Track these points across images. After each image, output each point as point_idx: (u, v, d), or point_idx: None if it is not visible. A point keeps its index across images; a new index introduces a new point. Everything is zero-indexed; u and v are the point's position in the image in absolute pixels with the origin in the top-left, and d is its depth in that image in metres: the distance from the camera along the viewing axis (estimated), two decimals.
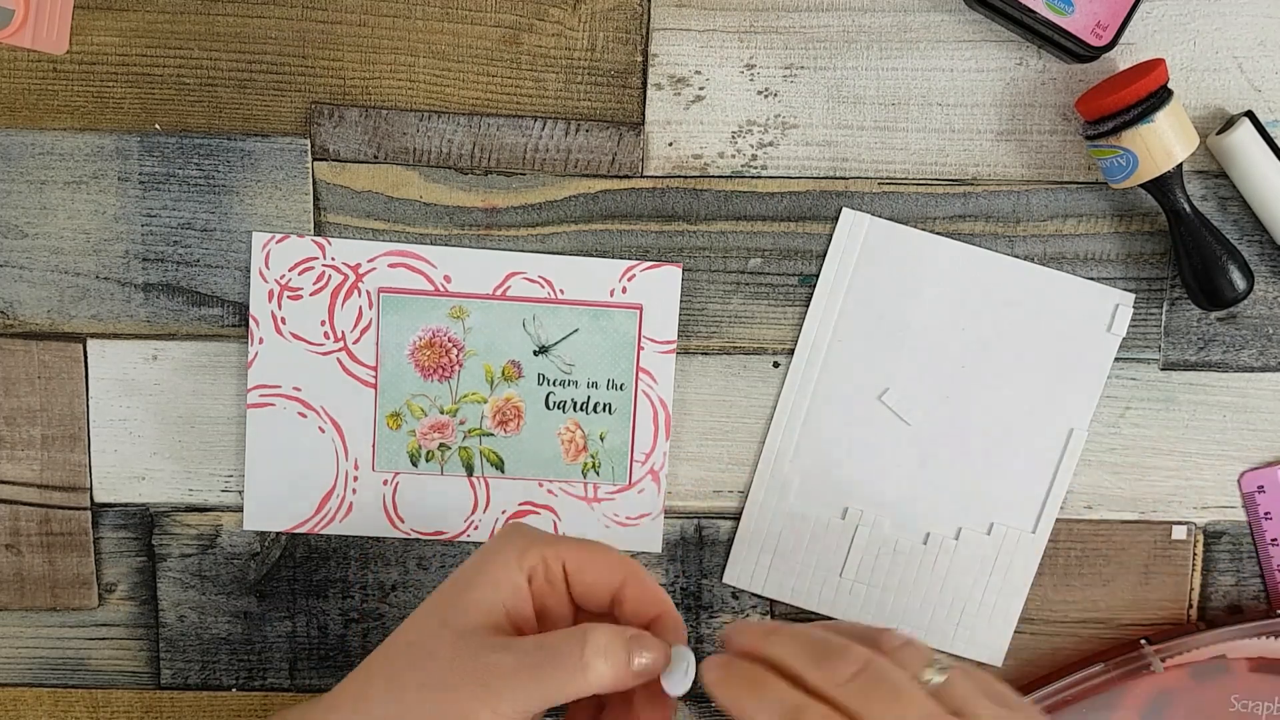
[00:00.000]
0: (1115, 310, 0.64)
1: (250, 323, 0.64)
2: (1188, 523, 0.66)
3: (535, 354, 0.64)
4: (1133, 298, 0.64)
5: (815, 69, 0.63)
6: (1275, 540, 0.65)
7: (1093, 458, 0.65)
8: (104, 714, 0.67)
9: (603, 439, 0.65)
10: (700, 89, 0.63)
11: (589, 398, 0.64)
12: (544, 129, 0.63)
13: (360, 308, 0.64)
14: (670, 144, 0.63)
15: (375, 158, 0.63)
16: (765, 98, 0.63)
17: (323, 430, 0.65)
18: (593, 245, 0.64)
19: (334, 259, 0.64)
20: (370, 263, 0.64)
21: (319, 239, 0.64)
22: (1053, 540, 0.66)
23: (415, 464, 0.65)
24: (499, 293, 0.64)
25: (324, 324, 0.64)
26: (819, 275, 0.64)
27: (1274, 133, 0.63)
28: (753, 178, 0.64)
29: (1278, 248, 0.64)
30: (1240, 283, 0.61)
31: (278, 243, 0.63)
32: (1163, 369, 0.65)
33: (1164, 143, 0.59)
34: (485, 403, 0.64)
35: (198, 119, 0.63)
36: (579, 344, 0.64)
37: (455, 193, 0.64)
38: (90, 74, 0.63)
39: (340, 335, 0.64)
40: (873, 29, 0.63)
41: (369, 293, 0.64)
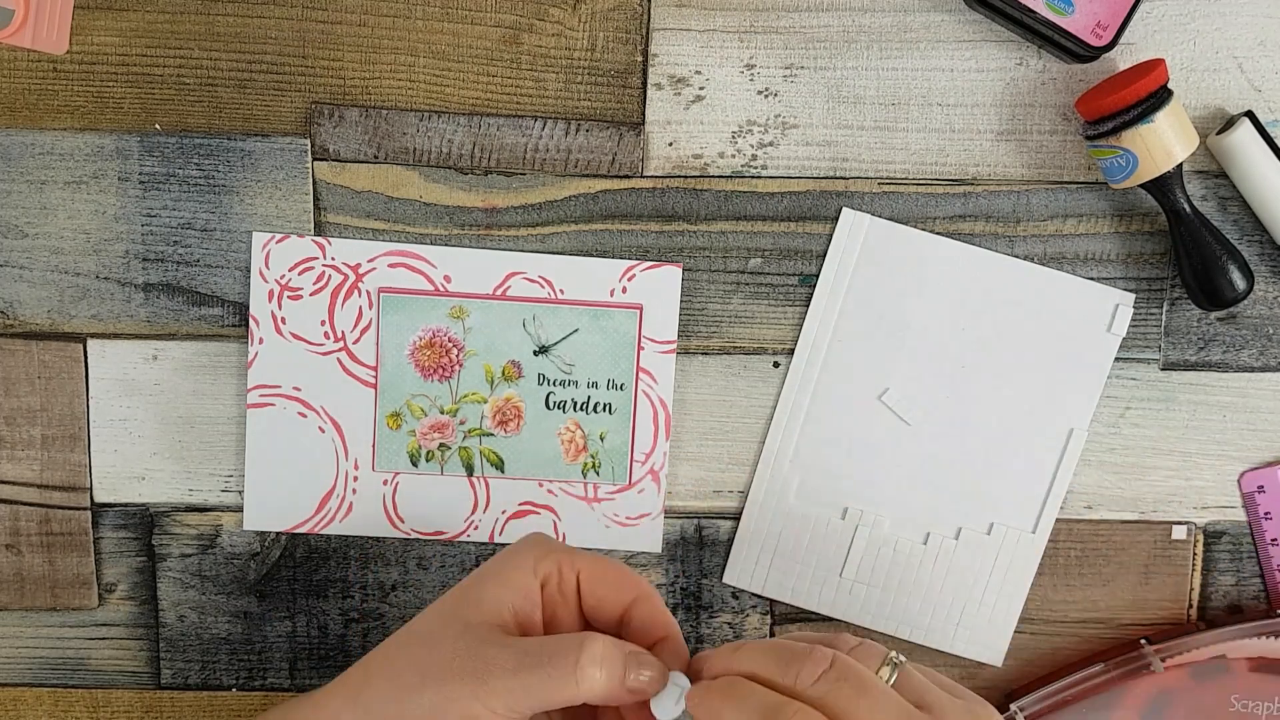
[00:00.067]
0: (1115, 310, 0.64)
1: (250, 323, 0.64)
2: (1188, 523, 0.66)
3: (535, 354, 0.64)
4: (1133, 298, 0.64)
5: (815, 69, 0.63)
6: (1275, 540, 0.65)
7: (1093, 458, 0.65)
8: (104, 714, 0.67)
9: (603, 439, 0.65)
10: (700, 89, 0.63)
11: (589, 398, 0.64)
12: (544, 129, 0.63)
13: (360, 308, 0.64)
14: (670, 144, 0.63)
15: (375, 158, 0.63)
16: (765, 98, 0.63)
17: (323, 430, 0.65)
18: (593, 245, 0.64)
19: (334, 259, 0.64)
20: (370, 263, 0.64)
21: (319, 239, 0.64)
22: (1053, 540, 0.66)
23: (415, 464, 0.65)
24: (499, 293, 0.64)
25: (324, 324, 0.64)
26: (819, 275, 0.64)
27: (1274, 133, 0.63)
28: (753, 178, 0.64)
29: (1278, 248, 0.64)
30: (1240, 283, 0.61)
31: (278, 243, 0.63)
32: (1163, 369, 0.65)
33: (1164, 143, 0.59)
34: (485, 403, 0.64)
35: (198, 119, 0.63)
36: (579, 344, 0.64)
37: (455, 193, 0.64)
38: (90, 74, 0.63)
39: (340, 335, 0.64)
40: (873, 29, 0.63)
41: (369, 293, 0.64)
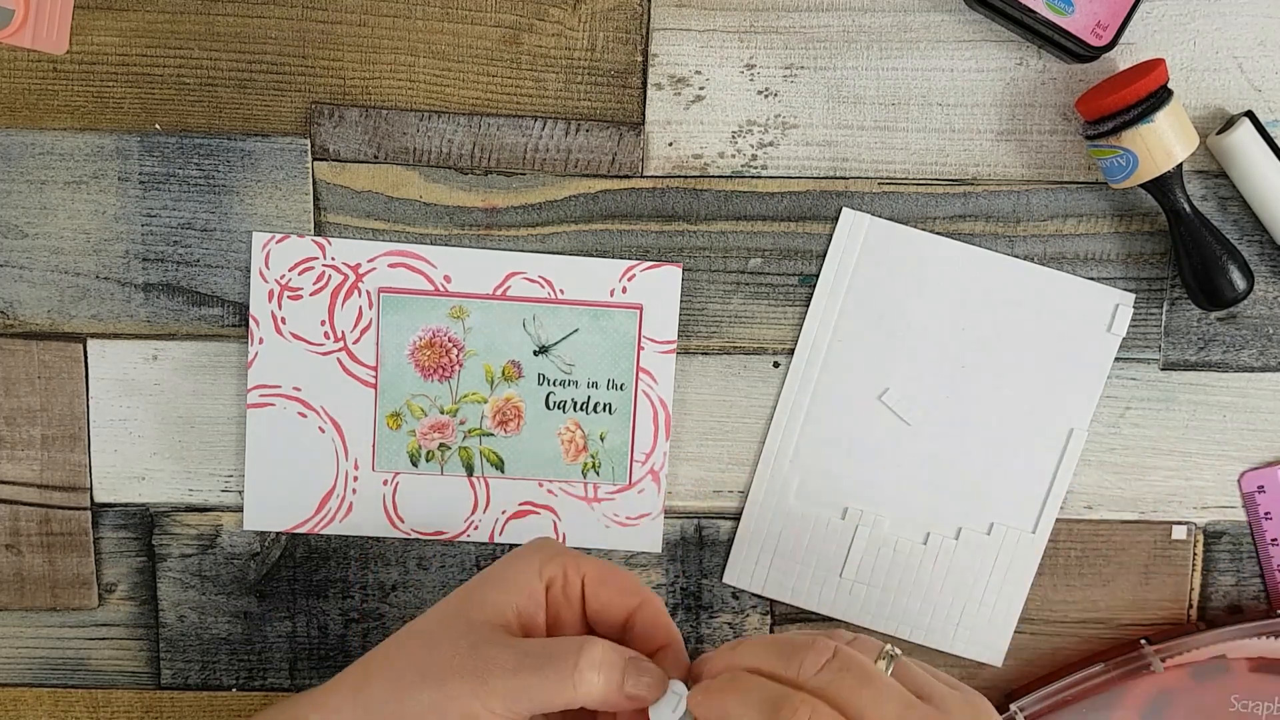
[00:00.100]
0: (1115, 310, 0.64)
1: (250, 323, 0.64)
2: (1188, 523, 0.66)
3: (535, 354, 0.64)
4: (1133, 298, 0.64)
5: (815, 69, 0.63)
6: (1275, 540, 0.65)
7: (1093, 458, 0.65)
8: (104, 714, 0.67)
9: (603, 439, 0.65)
10: (700, 89, 0.63)
11: (589, 398, 0.64)
12: (544, 129, 0.63)
13: (360, 308, 0.64)
14: (670, 144, 0.63)
15: (375, 158, 0.63)
16: (765, 98, 0.63)
17: (323, 430, 0.65)
18: (593, 245, 0.64)
19: (334, 259, 0.64)
20: (370, 263, 0.64)
21: (319, 239, 0.64)
22: (1053, 540, 0.66)
23: (415, 464, 0.65)
24: (499, 293, 0.64)
25: (324, 324, 0.64)
26: (819, 275, 0.64)
27: (1274, 133, 0.63)
28: (753, 178, 0.64)
29: (1278, 248, 0.64)
30: (1240, 283, 0.61)
31: (278, 243, 0.63)
32: (1163, 369, 0.65)
33: (1164, 143, 0.59)
34: (485, 403, 0.64)
35: (198, 119, 0.63)
36: (579, 344, 0.64)
37: (455, 193, 0.64)
38: (90, 74, 0.63)
39: (340, 335, 0.64)
40: (873, 29, 0.63)
41: (369, 293, 0.64)
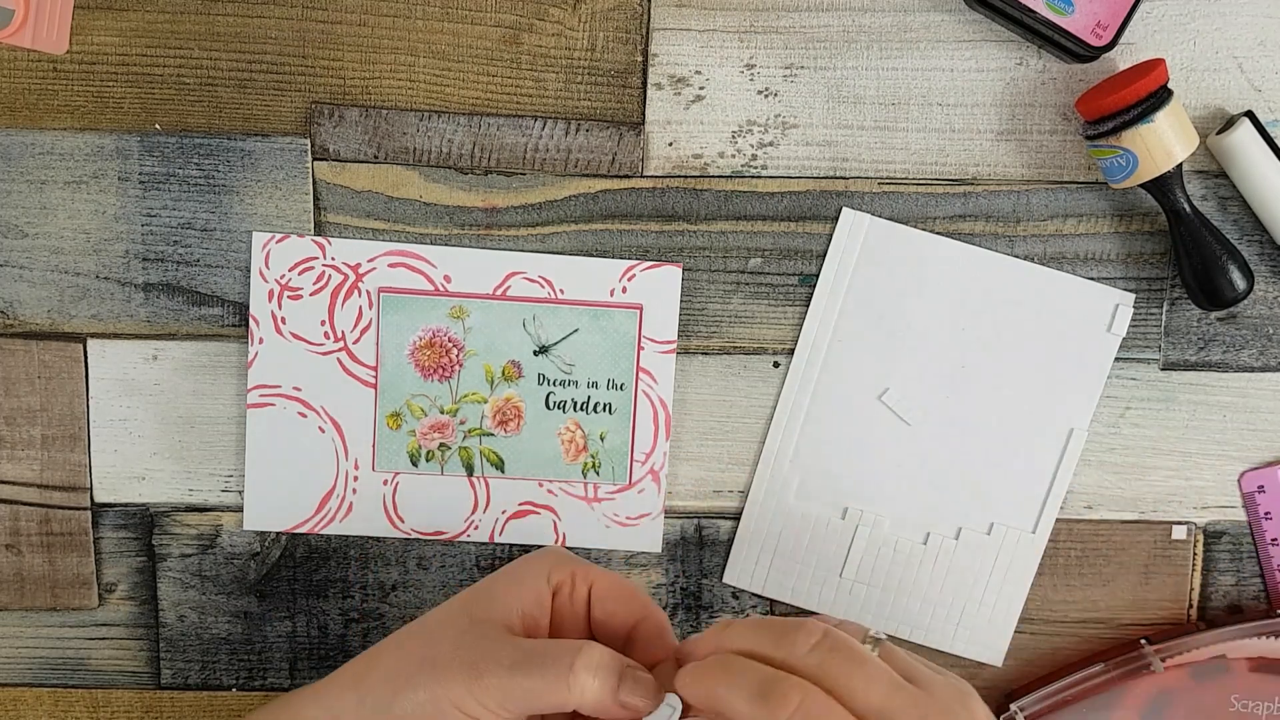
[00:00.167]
0: (1115, 310, 0.64)
1: (250, 323, 0.64)
2: (1188, 523, 0.66)
3: (535, 354, 0.64)
4: (1133, 298, 0.64)
5: (815, 69, 0.63)
6: (1275, 540, 0.65)
7: (1093, 458, 0.65)
8: (104, 714, 0.67)
9: (603, 439, 0.65)
10: (700, 89, 0.63)
11: (589, 398, 0.64)
12: (544, 129, 0.63)
13: (360, 308, 0.64)
14: (670, 144, 0.63)
15: (375, 158, 0.63)
16: (765, 98, 0.63)
17: (323, 430, 0.65)
18: (593, 245, 0.64)
19: (334, 259, 0.64)
20: (370, 263, 0.64)
21: (319, 239, 0.64)
22: (1053, 540, 0.66)
23: (415, 464, 0.65)
24: (499, 293, 0.64)
25: (324, 324, 0.64)
26: (819, 275, 0.64)
27: (1274, 133, 0.63)
28: (753, 178, 0.64)
29: (1278, 248, 0.64)
30: (1240, 283, 0.61)
31: (278, 243, 0.63)
32: (1163, 369, 0.65)
33: (1164, 143, 0.59)
34: (485, 403, 0.64)
35: (198, 119, 0.63)
36: (579, 344, 0.64)
37: (455, 193, 0.64)
38: (90, 74, 0.63)
39: (340, 335, 0.64)
40: (873, 29, 0.63)
41: (369, 293, 0.64)
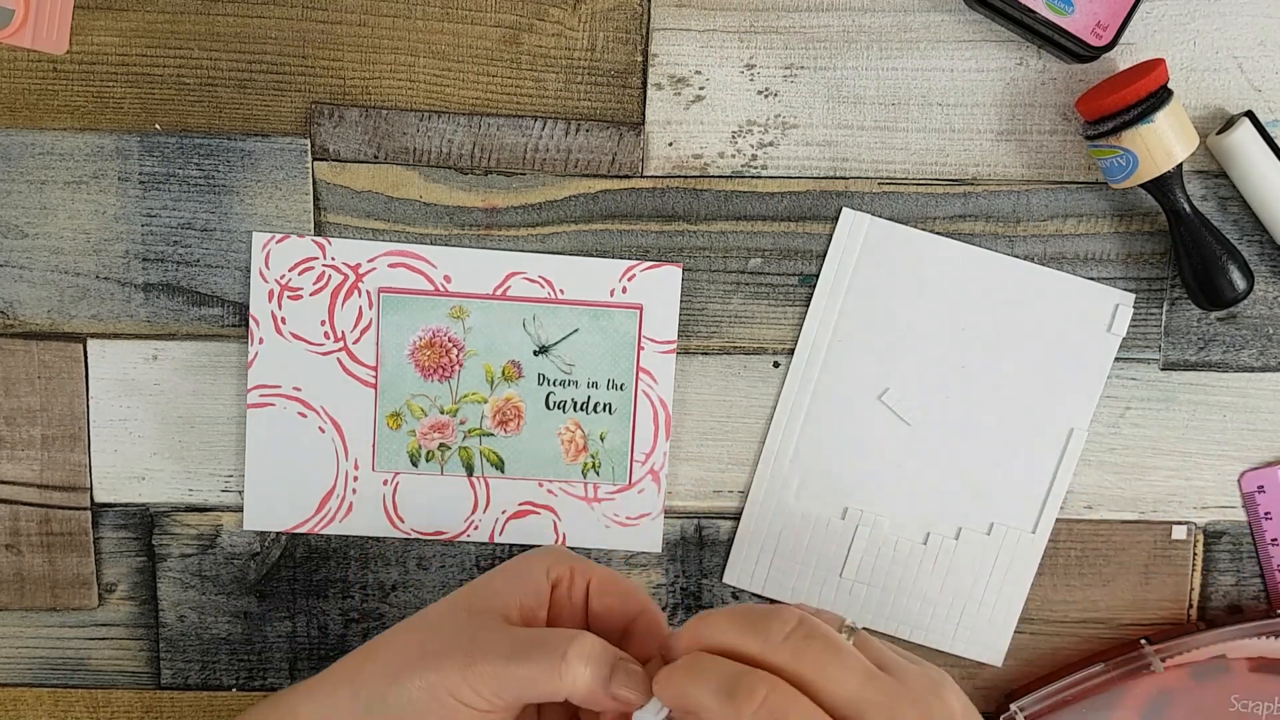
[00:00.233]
0: (1115, 310, 0.64)
1: (250, 323, 0.64)
2: (1188, 523, 0.66)
3: (535, 354, 0.64)
4: (1133, 298, 0.64)
5: (815, 69, 0.63)
6: (1275, 540, 0.65)
7: (1093, 458, 0.65)
8: (104, 714, 0.67)
9: (603, 439, 0.65)
10: (700, 89, 0.63)
11: (589, 398, 0.64)
12: (544, 129, 0.63)
13: (360, 308, 0.64)
14: (670, 144, 0.63)
15: (375, 158, 0.63)
16: (765, 98, 0.63)
17: (323, 430, 0.65)
18: (593, 245, 0.64)
19: (334, 259, 0.64)
20: (370, 263, 0.64)
21: (319, 239, 0.64)
22: (1053, 540, 0.66)
23: (415, 464, 0.65)
24: (499, 293, 0.64)
25: (324, 324, 0.64)
26: (819, 275, 0.64)
27: (1274, 133, 0.63)
28: (753, 178, 0.64)
29: (1278, 248, 0.64)
30: (1240, 283, 0.61)
31: (278, 243, 0.63)
32: (1163, 369, 0.65)
33: (1164, 143, 0.59)
34: (485, 403, 0.64)
35: (198, 119, 0.63)
36: (579, 344, 0.64)
37: (455, 193, 0.64)
38: (90, 74, 0.63)
39: (340, 335, 0.64)
40: (873, 29, 0.63)
41: (369, 293, 0.64)
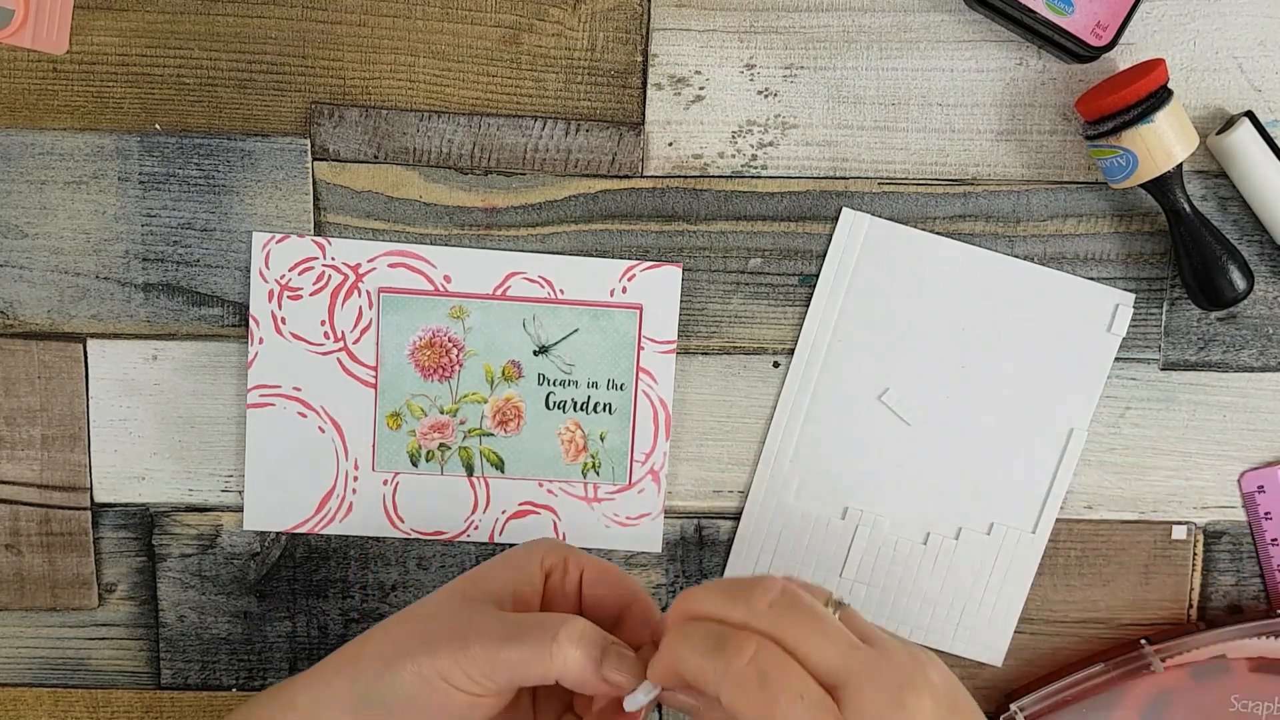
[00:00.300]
0: (1115, 310, 0.64)
1: (250, 323, 0.64)
2: (1188, 523, 0.66)
3: (535, 354, 0.64)
4: (1133, 298, 0.64)
5: (815, 69, 0.63)
6: (1275, 540, 0.65)
7: (1093, 458, 0.65)
8: (104, 714, 0.67)
9: (603, 439, 0.65)
10: (700, 89, 0.63)
11: (589, 398, 0.64)
12: (544, 129, 0.63)
13: (360, 308, 0.64)
14: (670, 144, 0.63)
15: (375, 158, 0.63)
16: (765, 98, 0.63)
17: (323, 430, 0.65)
18: (593, 245, 0.64)
19: (334, 259, 0.64)
20: (370, 263, 0.64)
21: (319, 239, 0.64)
22: (1053, 540, 0.66)
23: (415, 464, 0.65)
24: (499, 293, 0.64)
25: (324, 324, 0.64)
26: (819, 275, 0.64)
27: (1274, 133, 0.63)
28: (753, 178, 0.64)
29: (1278, 248, 0.64)
30: (1240, 283, 0.61)
31: (278, 243, 0.63)
32: (1163, 369, 0.65)
33: (1164, 143, 0.59)
34: (485, 403, 0.64)
35: (198, 119, 0.63)
36: (579, 344, 0.64)
37: (455, 193, 0.64)
38: (90, 74, 0.63)
39: (340, 335, 0.64)
40: (873, 29, 0.63)
41: (369, 293, 0.64)
